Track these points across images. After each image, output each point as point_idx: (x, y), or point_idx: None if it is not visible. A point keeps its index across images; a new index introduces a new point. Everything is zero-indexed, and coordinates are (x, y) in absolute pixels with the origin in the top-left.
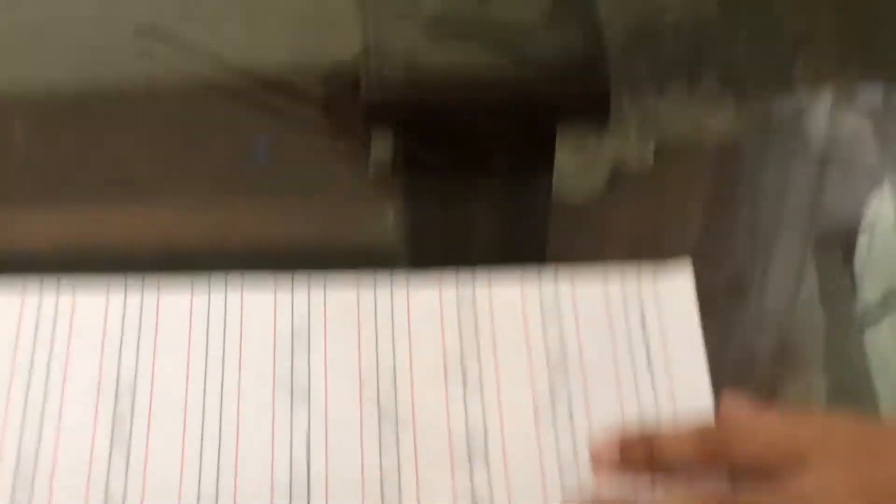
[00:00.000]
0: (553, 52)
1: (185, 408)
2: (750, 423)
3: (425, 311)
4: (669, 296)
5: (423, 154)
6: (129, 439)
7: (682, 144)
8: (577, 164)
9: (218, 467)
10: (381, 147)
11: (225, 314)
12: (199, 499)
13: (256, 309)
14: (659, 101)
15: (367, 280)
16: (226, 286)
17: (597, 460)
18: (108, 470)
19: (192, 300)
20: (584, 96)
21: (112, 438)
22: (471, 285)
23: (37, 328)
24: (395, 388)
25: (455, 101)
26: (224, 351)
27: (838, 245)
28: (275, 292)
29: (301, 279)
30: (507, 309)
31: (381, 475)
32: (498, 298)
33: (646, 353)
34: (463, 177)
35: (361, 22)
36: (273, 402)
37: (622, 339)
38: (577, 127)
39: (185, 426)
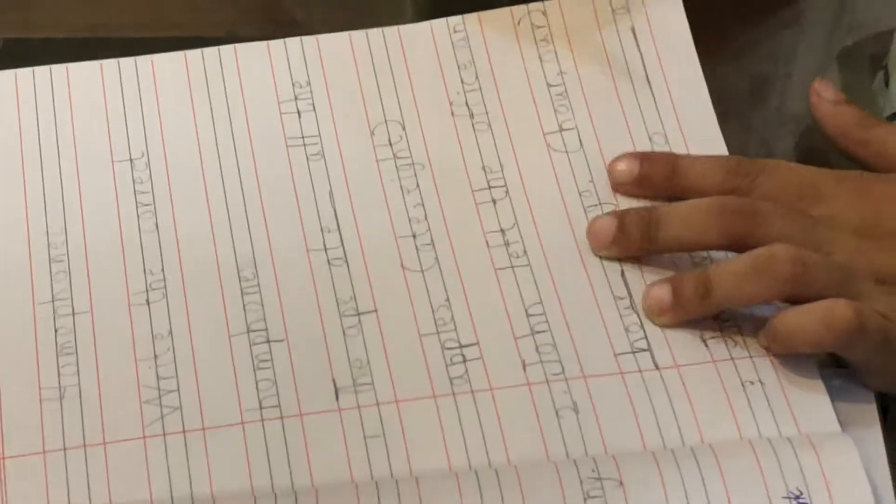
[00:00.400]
0: None
1: (203, 174)
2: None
3: (422, 55)
4: (658, 5)
5: None
6: (155, 213)
7: None
8: None
9: (249, 231)
10: None
11: (223, 78)
12: (237, 266)
13: (254, 71)
14: None
15: (360, 35)
16: (219, 55)
17: (615, 173)
18: (142, 249)
19: (187, 65)
20: None
21: (138, 214)
22: (462, 24)
23: (36, 103)
24: (406, 134)
25: None
26: (230, 114)
27: (867, 46)
28: (269, 54)
29: (293, 43)
30: (502, 42)
31: (410, 220)
32: (491, 32)
33: (643, 70)
34: None
35: None
36: (290, 163)
37: (618, 59)
38: None
39: (206, 194)
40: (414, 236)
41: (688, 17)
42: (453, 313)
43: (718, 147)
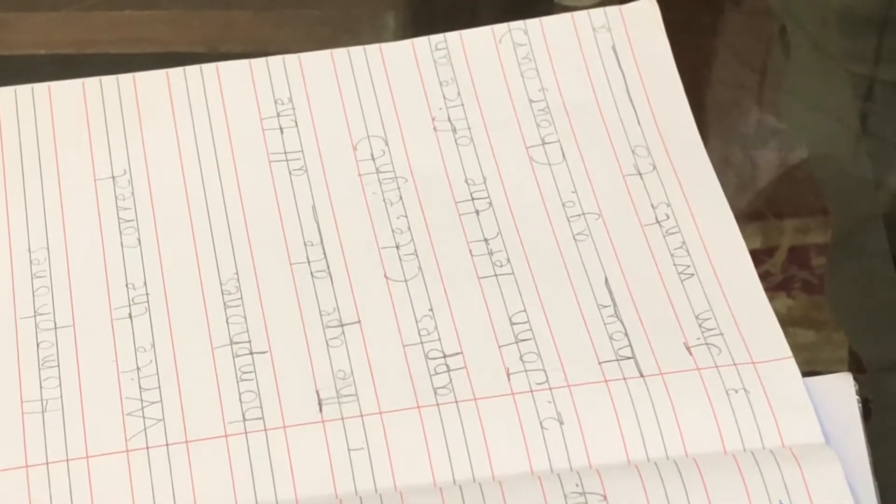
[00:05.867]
0: None
1: (185, 189)
2: None
3: (404, 72)
4: (638, 22)
5: None
6: (138, 229)
7: None
8: None
9: (232, 245)
10: None
11: (205, 95)
12: (220, 279)
13: (236, 88)
14: None
15: (342, 53)
16: (202, 73)
17: None
18: (124, 264)
19: (169, 83)
20: None
21: (120, 230)
22: (444, 42)
23: (18, 122)
24: (389, 149)
25: None
26: (212, 131)
27: None
28: (251, 72)
29: (276, 61)
30: (484, 59)
31: (393, 231)
32: (473, 50)
33: (625, 85)
34: None
35: None
36: (272, 178)
37: (599, 75)
38: None
39: (189, 209)
40: (397, 247)
41: (667, 30)
42: (437, 323)
43: (700, 159)
